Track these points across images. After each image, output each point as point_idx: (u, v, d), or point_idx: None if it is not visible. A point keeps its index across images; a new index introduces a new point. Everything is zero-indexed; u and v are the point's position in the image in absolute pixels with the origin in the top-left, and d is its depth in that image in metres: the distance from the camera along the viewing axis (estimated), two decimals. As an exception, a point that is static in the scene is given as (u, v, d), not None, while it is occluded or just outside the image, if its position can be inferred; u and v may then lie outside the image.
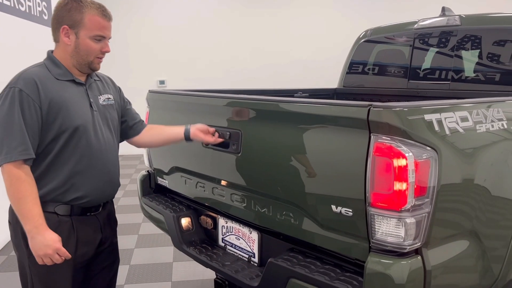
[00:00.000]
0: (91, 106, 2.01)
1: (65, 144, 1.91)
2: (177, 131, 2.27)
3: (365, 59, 4.25)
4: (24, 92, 1.81)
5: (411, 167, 1.66)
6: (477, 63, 3.44)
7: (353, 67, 4.31)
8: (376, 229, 1.74)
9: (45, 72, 1.91)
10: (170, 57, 9.13)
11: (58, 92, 1.90)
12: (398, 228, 1.69)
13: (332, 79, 4.99)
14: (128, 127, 2.29)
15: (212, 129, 2.25)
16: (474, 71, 3.46)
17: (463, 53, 3.56)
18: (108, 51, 1.99)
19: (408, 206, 1.67)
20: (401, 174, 1.66)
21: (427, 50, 3.81)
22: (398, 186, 1.67)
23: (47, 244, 1.81)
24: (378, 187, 1.71)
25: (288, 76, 9.26)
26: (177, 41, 9.14)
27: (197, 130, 2.23)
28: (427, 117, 1.75)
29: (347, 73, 4.33)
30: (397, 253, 1.69)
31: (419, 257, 1.72)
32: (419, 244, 1.71)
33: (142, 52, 9.06)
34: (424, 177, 1.69)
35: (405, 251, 1.69)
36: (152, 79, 9.03)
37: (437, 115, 1.79)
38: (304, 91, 4.01)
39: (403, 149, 1.67)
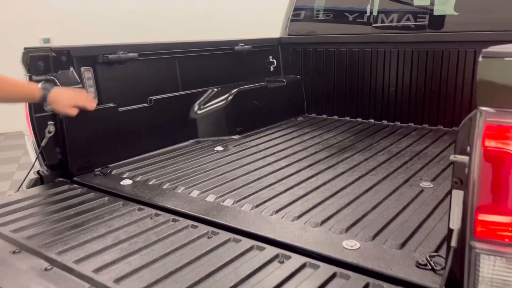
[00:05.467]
0: None
1: None
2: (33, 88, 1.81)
3: (313, 3, 3.43)
4: None
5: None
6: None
7: (299, 12, 3.47)
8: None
9: None
10: (56, 11, 7.43)
11: None
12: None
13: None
14: None
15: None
16: (455, 8, 2.83)
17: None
18: None
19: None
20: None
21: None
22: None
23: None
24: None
25: (193, 27, 8.13)
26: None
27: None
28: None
29: (291, 20, 3.48)
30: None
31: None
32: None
33: (20, 6, 7.25)
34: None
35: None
36: (34, 37, 7.31)
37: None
38: (245, 42, 3.11)
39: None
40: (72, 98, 1.87)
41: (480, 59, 0.89)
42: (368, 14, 3.14)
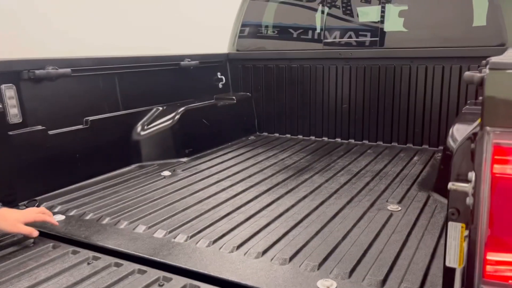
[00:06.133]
0: None
1: None
2: None
3: (261, 19, 3.31)
4: None
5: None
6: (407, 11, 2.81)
7: (247, 28, 3.34)
8: None
9: None
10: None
11: None
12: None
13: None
14: None
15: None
16: (404, 25, 2.82)
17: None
18: None
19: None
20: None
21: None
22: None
23: None
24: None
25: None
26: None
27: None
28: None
29: (240, 36, 3.34)
30: None
31: None
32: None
33: None
34: None
35: None
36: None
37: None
38: (192, 57, 2.91)
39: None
40: (20, 215, 1.53)
41: (486, 71, 0.76)
42: (318, 30, 3.06)
